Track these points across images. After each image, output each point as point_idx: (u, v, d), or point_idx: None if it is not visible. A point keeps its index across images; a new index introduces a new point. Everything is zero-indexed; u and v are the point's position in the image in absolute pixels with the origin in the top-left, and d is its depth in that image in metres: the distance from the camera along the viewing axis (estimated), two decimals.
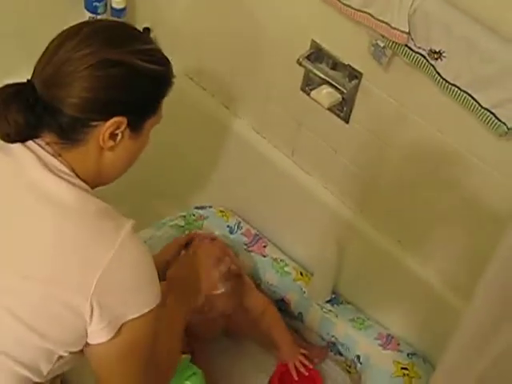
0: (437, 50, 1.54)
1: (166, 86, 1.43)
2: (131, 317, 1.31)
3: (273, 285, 2.14)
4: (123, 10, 2.22)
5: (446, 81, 1.56)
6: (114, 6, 2.20)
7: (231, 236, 2.21)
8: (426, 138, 1.75)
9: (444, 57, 1.53)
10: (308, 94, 1.94)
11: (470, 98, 1.54)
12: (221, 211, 2.25)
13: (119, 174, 1.45)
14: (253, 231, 2.23)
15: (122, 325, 1.31)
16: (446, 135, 1.70)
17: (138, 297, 1.33)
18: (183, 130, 2.31)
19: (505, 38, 1.43)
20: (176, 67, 2.26)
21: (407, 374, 1.93)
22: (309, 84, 1.95)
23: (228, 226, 2.21)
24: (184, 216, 2.22)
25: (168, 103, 2.13)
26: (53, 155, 1.32)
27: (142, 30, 2.26)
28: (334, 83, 1.84)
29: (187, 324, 2.00)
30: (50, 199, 1.29)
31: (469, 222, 1.76)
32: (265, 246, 2.19)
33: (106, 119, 1.30)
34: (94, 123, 1.30)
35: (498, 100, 1.50)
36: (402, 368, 1.94)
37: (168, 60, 1.44)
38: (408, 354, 1.98)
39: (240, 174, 2.27)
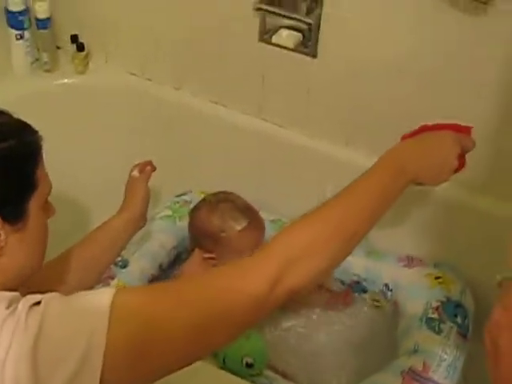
0: None
1: (30, 159, 1.15)
2: None
3: None
4: (48, 19, 2.17)
5: None
6: (39, 16, 2.14)
7: None
8: (406, 50, 1.78)
9: None
10: (269, 42, 1.95)
11: None
12: (202, 192, 2.20)
13: (33, 268, 1.19)
14: None
15: None
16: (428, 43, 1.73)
17: None
18: (142, 129, 2.27)
19: None
20: (115, 68, 2.26)
21: (443, 282, 1.93)
22: (267, 32, 1.95)
23: None
24: (169, 206, 2.16)
25: (118, 103, 2.09)
26: None
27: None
28: (297, 17, 1.86)
29: None
30: None
31: None
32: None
33: None
34: None
35: None
36: (436, 278, 1.95)
37: (22, 127, 1.16)
38: (434, 265, 1.99)
39: (211, 153, 2.24)
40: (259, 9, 1.87)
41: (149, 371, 1.02)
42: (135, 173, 1.69)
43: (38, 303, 1.00)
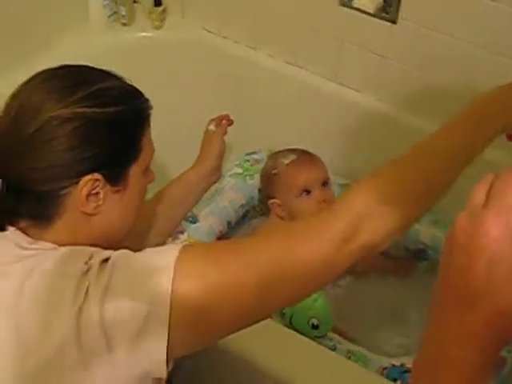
0: None
1: (138, 125, 1.18)
2: None
3: None
4: None
5: None
6: None
7: None
8: (492, 14, 1.75)
9: None
10: (349, 6, 1.94)
11: None
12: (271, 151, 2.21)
13: (124, 230, 1.22)
14: None
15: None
16: None
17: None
18: (216, 86, 2.28)
19: None
20: (192, 24, 2.27)
21: None
22: None
23: None
24: (239, 164, 2.18)
25: (193, 59, 2.08)
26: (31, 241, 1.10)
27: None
28: None
29: None
30: None
31: None
32: None
33: (77, 182, 1.09)
34: (64, 191, 1.10)
35: None
36: None
37: (133, 93, 1.19)
38: None
39: (282, 113, 2.25)
40: None
41: (211, 331, 1.04)
42: (212, 127, 1.70)
43: (107, 260, 1.03)
